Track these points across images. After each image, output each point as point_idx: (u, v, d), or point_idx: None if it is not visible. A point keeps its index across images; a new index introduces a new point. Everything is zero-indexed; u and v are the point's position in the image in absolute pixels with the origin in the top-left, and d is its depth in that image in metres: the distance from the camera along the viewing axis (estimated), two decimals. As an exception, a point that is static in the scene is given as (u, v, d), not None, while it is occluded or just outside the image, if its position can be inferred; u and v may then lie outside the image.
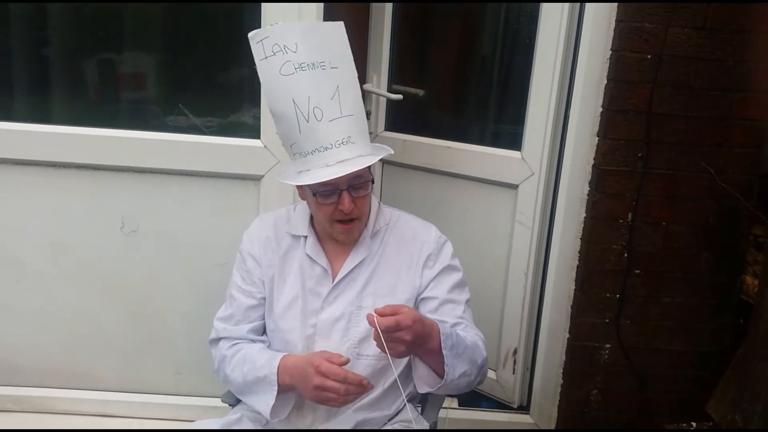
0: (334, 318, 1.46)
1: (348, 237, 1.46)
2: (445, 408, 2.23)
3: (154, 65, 2.12)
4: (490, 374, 2.28)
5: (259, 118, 1.93)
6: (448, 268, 1.53)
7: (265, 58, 1.34)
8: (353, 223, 1.43)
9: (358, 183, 1.39)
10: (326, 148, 1.35)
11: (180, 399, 2.16)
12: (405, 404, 1.52)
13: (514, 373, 2.22)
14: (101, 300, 2.09)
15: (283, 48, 1.33)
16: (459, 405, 2.29)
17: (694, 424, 2.10)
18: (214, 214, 2.01)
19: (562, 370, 2.12)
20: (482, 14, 2.26)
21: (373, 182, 1.45)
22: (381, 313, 1.22)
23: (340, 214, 1.39)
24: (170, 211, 2.02)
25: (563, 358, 2.11)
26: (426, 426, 1.53)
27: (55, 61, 2.08)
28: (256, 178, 1.97)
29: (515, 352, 2.20)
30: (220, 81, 2.08)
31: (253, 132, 1.95)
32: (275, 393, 1.38)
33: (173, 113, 2.05)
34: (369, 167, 1.41)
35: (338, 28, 1.40)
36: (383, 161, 2.39)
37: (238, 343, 1.50)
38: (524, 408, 2.26)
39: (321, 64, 1.35)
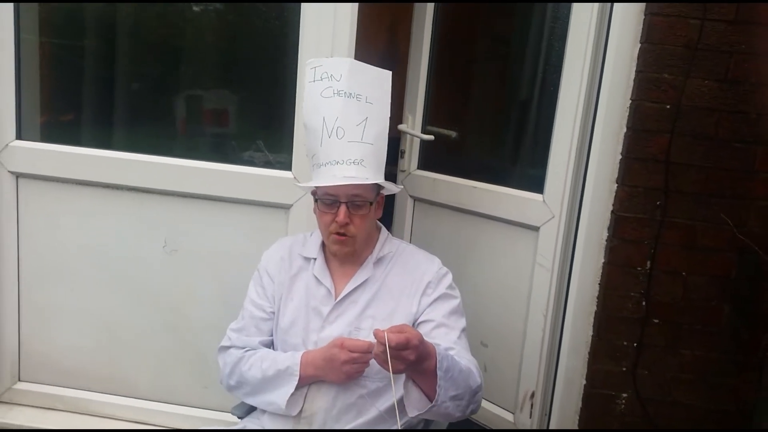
0: (333, 337, 1.55)
1: (341, 248, 1.56)
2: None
3: (236, 102, 2.33)
4: (507, 416, 2.28)
5: (291, 153, 2.08)
6: (445, 296, 1.60)
7: (313, 81, 1.55)
8: (348, 237, 1.53)
9: (357, 201, 1.52)
10: (337, 162, 1.50)
11: (206, 412, 2.27)
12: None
13: (531, 416, 2.22)
14: (141, 312, 2.26)
15: (330, 76, 1.54)
16: (474, 445, 2.31)
17: (716, 486, 2.03)
18: (248, 238, 2.15)
19: (578, 417, 2.10)
20: (513, 62, 2.36)
21: (375, 206, 1.58)
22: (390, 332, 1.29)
23: (335, 226, 1.52)
24: (208, 233, 2.18)
25: (579, 404, 2.09)
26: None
27: (128, 93, 2.33)
28: (286, 207, 2.11)
29: (533, 395, 2.20)
30: (280, 128, 2.24)
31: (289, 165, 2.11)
32: (296, 382, 1.50)
33: (251, 149, 2.25)
34: (374, 192, 1.55)
35: (385, 75, 1.59)
36: (414, 198, 2.49)
37: (250, 350, 1.62)
38: (539, 452, 2.24)
39: (358, 96, 1.54)
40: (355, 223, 1.53)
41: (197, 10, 2.23)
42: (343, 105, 1.52)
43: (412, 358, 1.30)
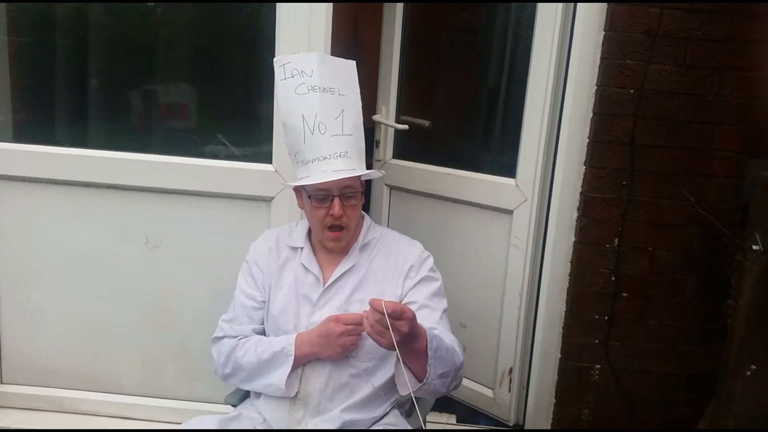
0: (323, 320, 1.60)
1: (336, 245, 1.62)
2: (443, 423, 2.35)
3: (196, 96, 2.33)
4: (487, 392, 2.38)
5: (271, 145, 2.11)
6: (427, 278, 1.66)
7: (285, 79, 1.57)
8: (342, 231, 1.59)
9: (348, 192, 1.57)
10: (325, 158, 1.54)
11: (194, 404, 2.30)
12: (392, 408, 1.66)
13: (510, 391, 2.31)
14: (125, 309, 2.27)
15: (300, 72, 1.57)
16: (457, 422, 2.39)
17: (685, 446, 2.16)
18: (230, 232, 2.18)
19: (554, 389, 2.21)
20: (482, 51, 2.43)
21: (362, 195, 1.63)
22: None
23: (330, 219, 1.57)
24: (190, 228, 2.20)
25: (555, 377, 2.20)
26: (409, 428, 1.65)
27: (96, 90, 2.32)
28: (268, 200, 2.15)
29: (511, 371, 2.30)
30: (255, 112, 2.26)
31: (269, 158, 2.15)
32: (292, 362, 1.55)
33: (212, 142, 2.25)
34: (360, 182, 1.60)
35: (350, 65, 1.64)
36: (391, 187, 2.55)
37: (243, 338, 1.66)
38: (520, 426, 2.34)
39: (331, 90, 1.57)
40: (348, 213, 1.58)
41: (172, 7, 2.23)
42: (319, 100, 1.56)
43: (405, 330, 1.33)
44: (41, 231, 2.23)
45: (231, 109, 2.34)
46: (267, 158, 2.14)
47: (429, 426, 2.30)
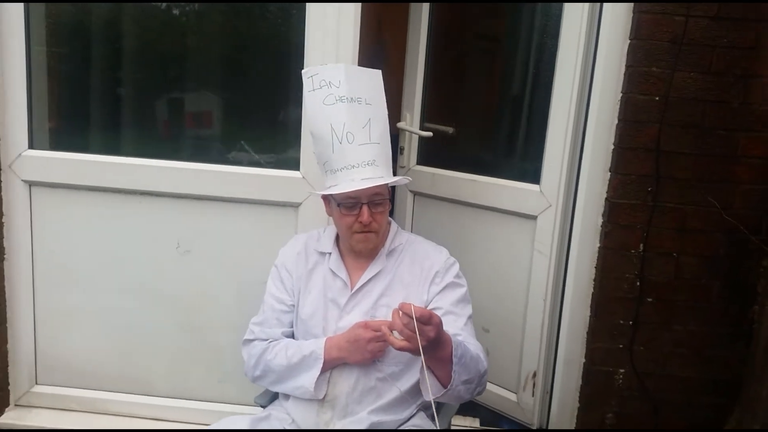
0: (351, 325, 1.64)
1: (365, 247, 1.66)
2: (466, 426, 2.37)
3: (220, 104, 2.40)
4: (511, 396, 2.40)
5: (298, 152, 2.16)
6: (453, 284, 1.70)
7: (313, 90, 1.62)
8: (370, 234, 1.63)
9: (377, 200, 1.61)
10: (353, 167, 1.58)
11: (223, 406, 2.35)
12: (418, 410, 1.69)
13: (533, 395, 2.33)
14: (156, 312, 2.32)
15: (328, 83, 1.61)
16: (480, 425, 2.41)
17: (711, 452, 2.16)
18: (259, 236, 2.22)
19: (578, 394, 2.22)
20: (507, 59, 2.46)
21: (390, 202, 1.67)
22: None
23: (359, 225, 1.61)
24: (220, 233, 2.25)
25: (579, 381, 2.21)
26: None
27: (128, 99, 2.39)
28: (296, 205, 2.19)
29: (534, 375, 2.32)
30: (279, 119, 2.33)
31: (296, 165, 2.19)
32: (321, 365, 1.59)
33: (235, 149, 2.32)
34: (388, 189, 1.64)
35: (377, 74, 1.68)
36: (414, 193, 2.59)
37: (273, 341, 1.70)
38: (543, 430, 2.36)
39: (358, 99, 1.62)
40: (377, 219, 1.62)
41: (202, 15, 2.30)
42: (347, 110, 1.60)
43: (432, 335, 1.37)
44: (76, 235, 2.30)
45: (259, 117, 2.39)
46: (295, 165, 2.18)
47: (455, 428, 2.33)
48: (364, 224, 1.60)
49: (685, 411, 2.16)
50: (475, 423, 2.41)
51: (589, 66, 2.08)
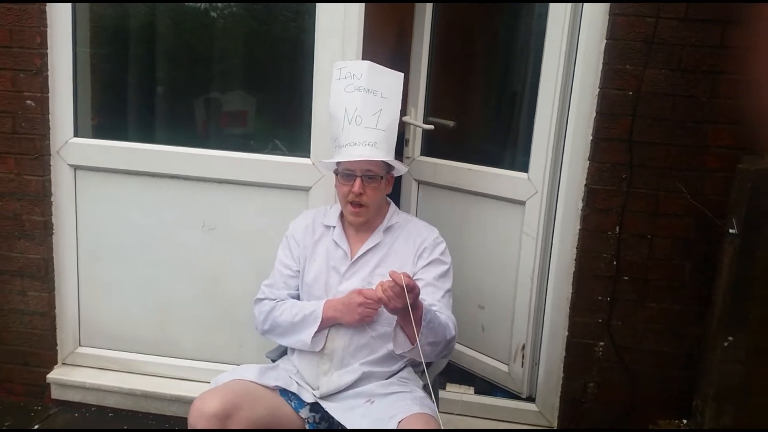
0: (350, 290, 1.88)
1: (355, 219, 1.90)
2: (461, 393, 2.60)
3: (254, 104, 2.68)
4: (503, 367, 2.60)
5: (309, 142, 2.41)
6: (437, 261, 1.93)
7: (339, 79, 1.90)
8: (361, 208, 1.87)
9: (370, 174, 1.85)
10: (355, 144, 1.84)
11: (241, 369, 2.63)
12: (405, 365, 1.93)
13: (522, 366, 2.54)
14: (184, 283, 2.61)
15: (351, 75, 1.89)
16: (474, 393, 2.63)
17: (684, 421, 2.33)
18: (274, 217, 2.48)
19: (562, 365, 2.41)
20: (501, 59, 2.68)
21: (386, 182, 1.91)
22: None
23: (352, 195, 1.85)
24: (240, 213, 2.53)
25: (563, 353, 2.40)
26: (420, 384, 1.92)
27: (163, 96, 2.69)
28: (306, 189, 2.45)
29: (523, 347, 2.52)
30: (295, 114, 2.54)
31: (307, 153, 2.45)
32: (318, 323, 1.83)
33: (268, 147, 2.58)
34: (385, 170, 1.88)
35: (398, 76, 1.95)
36: (419, 182, 2.82)
37: (280, 301, 1.96)
38: (531, 398, 2.56)
39: (374, 91, 1.88)
40: (368, 193, 1.86)
41: (229, 20, 2.58)
42: (362, 98, 1.86)
43: (411, 301, 1.62)
44: (114, 214, 2.60)
45: (274, 113, 2.67)
46: (306, 153, 2.44)
47: (450, 396, 2.56)
48: (355, 194, 1.84)
49: (659, 382, 2.33)
50: (470, 391, 2.63)
51: (572, 64, 2.27)
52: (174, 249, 2.60)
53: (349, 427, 1.75)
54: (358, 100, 1.86)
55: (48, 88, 2.48)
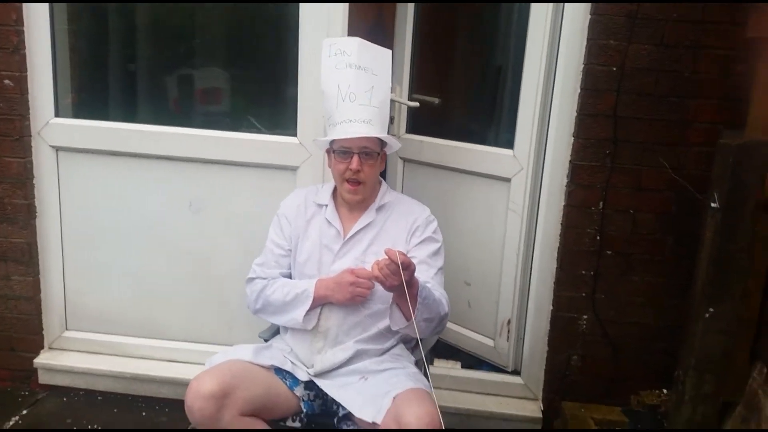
0: (343, 269, 1.89)
1: (353, 197, 1.90)
2: (449, 368, 2.63)
3: (229, 82, 2.65)
4: (489, 342, 2.65)
5: (296, 119, 2.40)
6: (430, 239, 1.95)
7: (329, 56, 1.89)
8: (359, 186, 1.88)
9: (367, 151, 1.86)
10: (350, 121, 1.84)
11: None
12: (398, 342, 1.96)
13: (508, 341, 2.58)
14: (173, 264, 2.61)
15: (342, 52, 1.89)
16: (462, 367, 2.67)
17: (665, 391, 2.39)
18: (261, 197, 2.48)
19: (547, 338, 2.46)
20: (485, 35, 2.68)
21: (381, 158, 1.92)
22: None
23: (349, 173, 1.86)
24: (227, 194, 2.52)
25: (548, 327, 2.44)
26: (412, 360, 1.95)
27: (141, 73, 2.64)
28: (293, 168, 2.45)
29: (509, 322, 2.56)
30: (282, 92, 2.54)
31: (294, 131, 2.44)
32: (310, 301, 1.85)
33: (244, 125, 2.55)
34: (380, 147, 1.89)
35: (386, 53, 1.96)
36: (404, 160, 2.82)
37: (271, 279, 1.97)
38: (517, 371, 2.61)
39: (365, 68, 1.89)
40: (365, 170, 1.86)
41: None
42: (354, 75, 1.86)
43: (407, 278, 1.64)
44: (99, 196, 2.58)
45: (259, 91, 2.64)
46: (293, 132, 2.43)
47: (437, 371, 2.60)
48: (353, 171, 1.85)
49: (642, 354, 2.38)
50: (457, 366, 2.67)
51: (556, 40, 2.28)
52: (161, 230, 2.58)
53: (344, 403, 1.77)
54: (350, 76, 1.86)
55: (26, 66, 2.43)
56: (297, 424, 1.89)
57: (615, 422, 2.21)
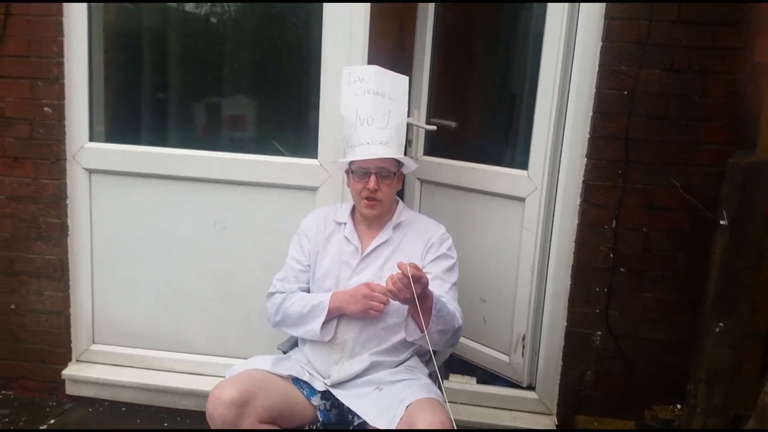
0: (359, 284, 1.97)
1: (370, 212, 1.99)
2: (464, 383, 2.69)
3: (254, 108, 2.78)
4: (504, 357, 2.70)
5: (317, 142, 2.51)
6: (444, 255, 2.03)
7: (348, 83, 2.01)
8: (376, 203, 1.96)
9: (384, 172, 1.95)
10: (368, 143, 1.94)
11: (252, 364, 2.72)
12: (412, 355, 2.03)
13: (523, 356, 2.64)
14: (197, 281, 2.70)
15: (360, 79, 2.00)
16: (477, 382, 2.73)
17: (678, 405, 2.43)
18: (283, 216, 2.57)
19: (561, 354, 2.51)
20: (501, 61, 2.78)
21: (398, 178, 2.01)
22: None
23: (366, 192, 1.95)
24: (250, 213, 2.62)
25: (562, 343, 2.50)
26: (426, 372, 2.02)
27: (172, 100, 2.77)
28: (314, 189, 2.55)
29: (524, 338, 2.62)
30: (303, 117, 2.65)
31: (315, 154, 2.54)
32: (326, 312, 1.92)
33: (268, 150, 2.65)
34: (396, 168, 1.99)
35: (403, 79, 2.07)
36: (421, 180, 2.92)
37: (290, 293, 2.05)
38: (531, 387, 2.66)
39: (383, 94, 1.99)
40: (383, 189, 1.95)
41: (235, 24, 2.67)
42: (372, 100, 1.97)
43: (418, 292, 1.71)
44: (128, 215, 2.69)
45: (282, 117, 2.75)
46: (313, 155, 2.53)
47: (453, 386, 2.66)
48: (370, 190, 1.94)
49: (654, 369, 2.43)
50: (472, 381, 2.73)
51: (569, 65, 2.37)
52: (186, 248, 2.68)
53: (359, 412, 1.84)
54: (368, 102, 1.96)
55: (64, 95, 2.57)
56: (315, 433, 1.96)
57: (629, 437, 2.25)
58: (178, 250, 2.69)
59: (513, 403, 2.64)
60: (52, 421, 2.63)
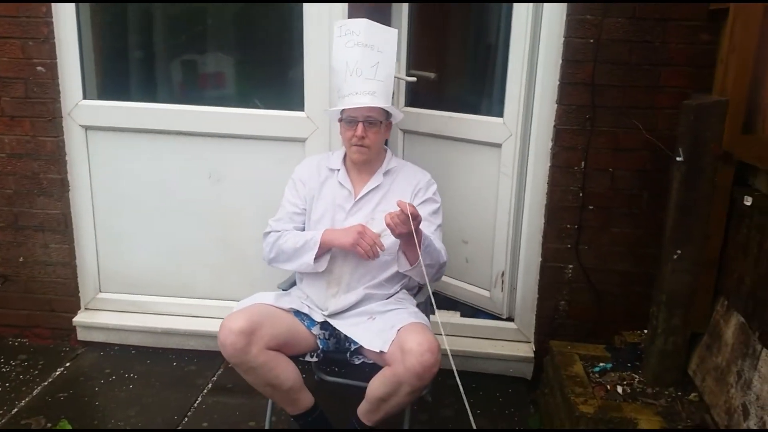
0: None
1: (359, 158, 2.14)
2: (448, 317, 2.90)
3: (242, 65, 2.88)
4: (485, 293, 2.92)
5: (303, 96, 2.64)
6: (431, 200, 2.22)
7: (339, 36, 2.13)
8: (364, 149, 2.12)
9: (371, 120, 2.10)
10: (357, 93, 2.09)
11: (250, 306, 2.91)
12: (401, 288, 2.23)
13: (502, 291, 2.85)
14: (197, 230, 2.87)
15: (350, 32, 2.13)
16: (461, 317, 2.95)
17: (645, 330, 2.65)
18: (274, 166, 2.73)
19: (537, 287, 2.72)
20: (474, 18, 2.90)
21: (385, 126, 2.16)
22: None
23: (355, 139, 2.10)
24: (243, 164, 2.78)
25: (537, 277, 2.71)
26: (414, 303, 2.21)
27: (159, 58, 2.87)
28: (302, 140, 2.70)
29: (503, 274, 2.83)
30: (289, 71, 2.77)
31: (302, 107, 2.68)
32: (318, 245, 2.07)
33: (248, 106, 2.77)
34: (384, 117, 2.13)
35: (393, 32, 2.20)
36: (404, 131, 3.06)
37: (284, 231, 2.21)
38: (511, 318, 2.89)
39: (371, 46, 2.13)
40: (370, 137, 2.11)
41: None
42: (361, 52, 2.10)
43: (415, 226, 1.89)
44: (126, 170, 2.84)
45: (269, 72, 2.87)
46: (300, 108, 2.67)
47: (439, 320, 2.86)
48: (358, 137, 2.09)
49: (622, 298, 2.65)
50: (456, 315, 2.95)
51: (539, 16, 2.51)
52: (184, 200, 2.84)
53: (355, 338, 2.04)
54: (357, 54, 2.09)
55: (56, 54, 2.67)
56: (315, 359, 2.16)
57: (599, 357, 2.46)
58: (176, 202, 2.84)
59: (494, 333, 2.87)
60: (67, 364, 2.83)
